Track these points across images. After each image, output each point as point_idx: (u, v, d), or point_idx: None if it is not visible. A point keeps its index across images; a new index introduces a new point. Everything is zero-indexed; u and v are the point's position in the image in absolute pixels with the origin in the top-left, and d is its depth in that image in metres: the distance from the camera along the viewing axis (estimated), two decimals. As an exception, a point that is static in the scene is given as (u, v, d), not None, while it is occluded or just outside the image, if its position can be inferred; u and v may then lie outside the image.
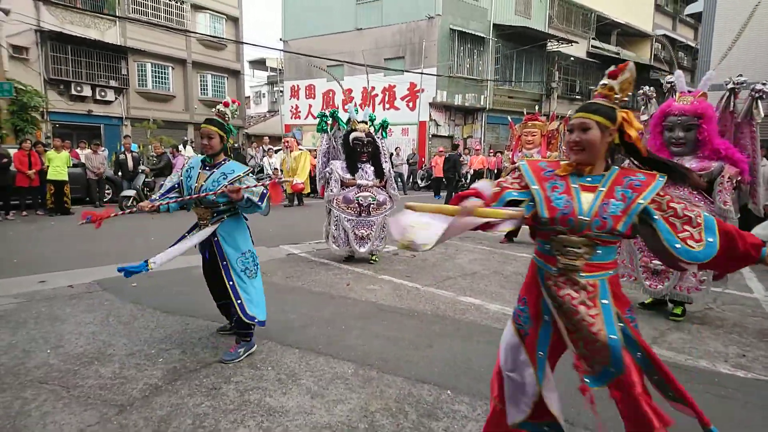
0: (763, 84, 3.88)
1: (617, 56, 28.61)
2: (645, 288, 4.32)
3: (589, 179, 1.78)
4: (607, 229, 1.71)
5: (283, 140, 14.63)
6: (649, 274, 4.27)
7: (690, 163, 3.98)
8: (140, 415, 2.49)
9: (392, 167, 6.56)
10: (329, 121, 6.35)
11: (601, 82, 1.82)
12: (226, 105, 3.31)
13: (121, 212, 3.28)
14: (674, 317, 4.23)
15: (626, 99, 1.81)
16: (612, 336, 1.72)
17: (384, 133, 6.52)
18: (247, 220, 3.43)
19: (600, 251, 1.76)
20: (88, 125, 20.12)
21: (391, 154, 14.96)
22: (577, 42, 25.49)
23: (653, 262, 4.20)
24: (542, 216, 1.76)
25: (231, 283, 3.19)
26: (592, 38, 27.96)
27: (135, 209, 3.24)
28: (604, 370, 1.78)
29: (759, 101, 3.90)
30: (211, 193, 3.08)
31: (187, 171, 3.33)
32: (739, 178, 3.92)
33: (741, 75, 4.03)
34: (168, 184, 3.41)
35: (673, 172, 1.88)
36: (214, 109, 3.37)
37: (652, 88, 4.60)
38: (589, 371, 1.82)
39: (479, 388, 2.90)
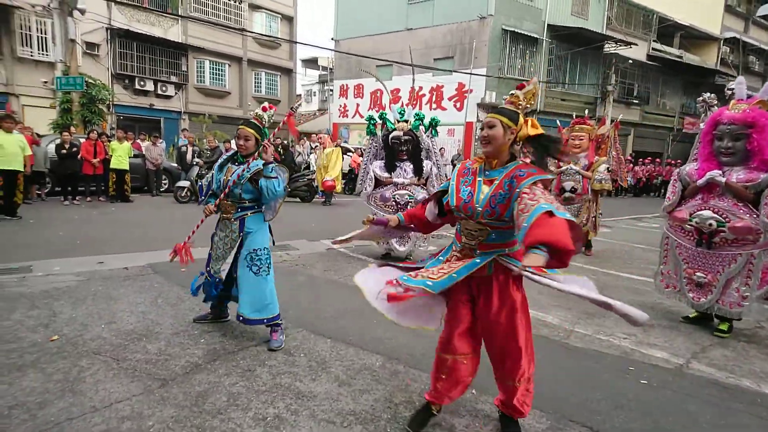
0: None
1: (680, 59, 27.25)
2: (688, 300, 4.16)
3: (487, 173, 2.20)
4: (495, 216, 2.12)
5: (317, 136, 14.72)
6: (692, 286, 4.11)
7: (738, 174, 3.79)
8: (180, 390, 2.68)
9: (438, 166, 6.47)
10: (377, 123, 6.41)
11: (511, 92, 2.24)
12: (264, 110, 3.49)
13: (196, 227, 3.48)
14: (719, 333, 4.05)
15: (529, 106, 2.22)
16: (454, 274, 2.12)
17: (434, 132, 6.48)
18: (268, 221, 3.55)
19: (494, 235, 2.18)
20: (150, 118, 21.26)
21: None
22: (636, 44, 24.47)
23: (697, 274, 4.04)
24: (451, 204, 2.28)
25: (235, 275, 3.43)
26: (653, 40, 26.73)
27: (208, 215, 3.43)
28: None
29: None
30: (239, 176, 3.29)
31: (218, 166, 3.52)
32: None
33: None
34: (206, 183, 3.59)
35: (550, 145, 2.17)
36: (252, 113, 3.54)
37: (713, 95, 4.40)
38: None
39: (505, 389, 2.91)
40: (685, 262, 4.14)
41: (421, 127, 6.20)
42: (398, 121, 6.10)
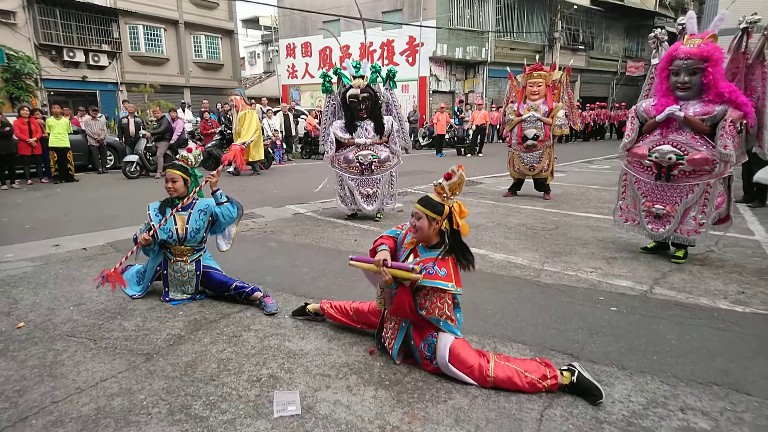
0: None
1: (621, 3, 27.70)
2: (648, 232, 4.40)
3: (427, 249, 2.53)
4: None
5: (230, 98, 12.58)
6: (651, 218, 4.33)
7: (695, 107, 3.96)
8: (167, 362, 2.63)
9: (399, 120, 6.35)
10: (333, 80, 6.15)
11: (438, 181, 2.48)
12: (189, 150, 3.61)
13: (129, 253, 3.50)
14: (676, 260, 4.33)
15: (453, 197, 2.48)
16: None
17: (393, 83, 6.23)
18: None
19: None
20: (84, 92, 19.88)
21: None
22: (580, -11, 24.63)
23: (656, 206, 4.26)
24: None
25: (229, 282, 3.49)
26: (596, -16, 26.97)
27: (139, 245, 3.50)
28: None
29: None
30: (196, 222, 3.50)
31: (156, 218, 3.49)
32: (744, 122, 3.91)
33: (756, 14, 3.93)
34: (143, 230, 3.57)
35: (462, 255, 2.50)
36: (178, 156, 3.65)
37: (664, 30, 4.50)
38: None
39: (486, 328, 3.04)
40: (643, 195, 4.35)
41: (379, 80, 6.03)
42: (354, 77, 5.91)
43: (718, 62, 3.81)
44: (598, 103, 24.70)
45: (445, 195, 2.48)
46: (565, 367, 2.35)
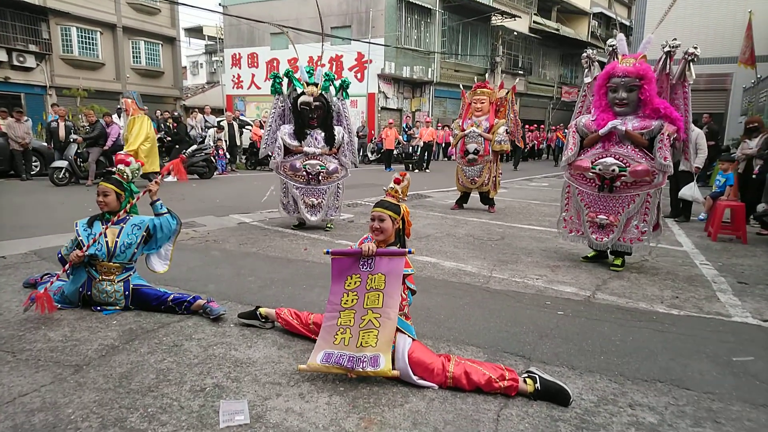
0: (695, 48, 4.14)
1: (557, 32, 29.49)
2: (591, 241, 4.59)
3: (392, 246, 2.59)
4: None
5: (121, 99, 10.81)
6: (595, 228, 4.53)
7: (633, 122, 4.21)
8: (99, 373, 2.39)
9: (349, 132, 6.26)
10: (283, 82, 5.94)
11: (390, 185, 2.69)
12: (127, 164, 3.34)
13: (61, 272, 3.22)
14: (615, 268, 4.54)
15: (405, 199, 2.70)
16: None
17: (345, 94, 6.12)
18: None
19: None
20: (6, 93, 18.41)
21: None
22: (520, 17, 25.99)
23: (599, 217, 4.46)
24: None
25: (165, 296, 3.22)
26: (534, 14, 28.60)
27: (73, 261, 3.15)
28: None
29: (691, 63, 4.16)
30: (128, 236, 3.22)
31: (86, 236, 3.19)
32: (675, 136, 4.20)
33: (675, 39, 4.26)
34: (68, 248, 3.27)
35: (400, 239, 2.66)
36: (115, 167, 3.39)
37: (595, 51, 4.79)
38: None
39: (440, 332, 3.02)
40: (587, 206, 4.54)
41: (332, 89, 5.96)
42: (307, 84, 5.81)
43: (652, 80, 4.09)
44: (536, 125, 25.95)
45: (399, 197, 2.67)
46: (525, 374, 2.35)
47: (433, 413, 2.14)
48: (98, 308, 3.23)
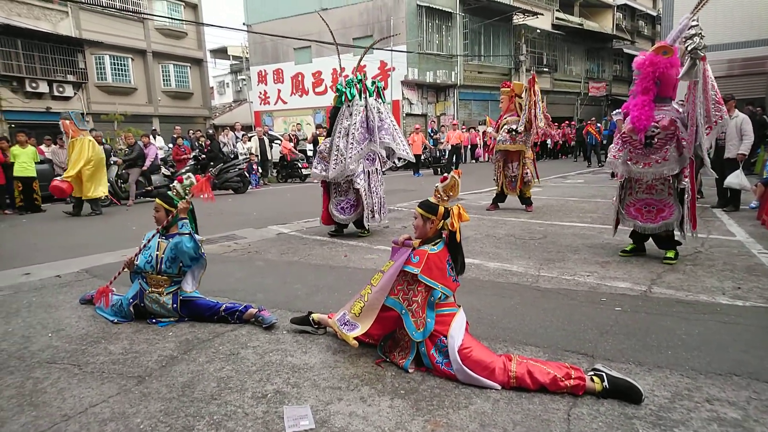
0: (695, 47, 3.87)
1: (581, 27, 28.98)
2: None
3: (426, 245, 2.57)
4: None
5: (60, 121, 9.07)
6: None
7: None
8: (161, 383, 2.43)
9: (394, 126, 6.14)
10: (348, 87, 5.76)
11: (436, 185, 2.62)
12: (180, 180, 3.50)
13: (117, 274, 3.53)
14: (668, 261, 4.38)
15: (452, 198, 2.60)
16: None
17: (382, 97, 6.10)
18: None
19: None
20: (47, 123, 19.20)
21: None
22: (542, 14, 25.68)
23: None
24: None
25: (217, 306, 3.29)
26: (556, 10, 28.20)
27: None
28: None
29: (698, 60, 3.91)
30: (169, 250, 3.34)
31: (146, 243, 3.42)
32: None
33: (697, 24, 3.95)
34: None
35: (452, 256, 2.62)
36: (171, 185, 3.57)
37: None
38: None
39: (495, 333, 2.95)
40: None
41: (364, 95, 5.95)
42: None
43: (642, 73, 4.17)
44: (566, 121, 25.46)
45: (440, 196, 2.59)
46: (591, 372, 2.26)
47: (501, 414, 2.08)
48: (153, 320, 3.31)
